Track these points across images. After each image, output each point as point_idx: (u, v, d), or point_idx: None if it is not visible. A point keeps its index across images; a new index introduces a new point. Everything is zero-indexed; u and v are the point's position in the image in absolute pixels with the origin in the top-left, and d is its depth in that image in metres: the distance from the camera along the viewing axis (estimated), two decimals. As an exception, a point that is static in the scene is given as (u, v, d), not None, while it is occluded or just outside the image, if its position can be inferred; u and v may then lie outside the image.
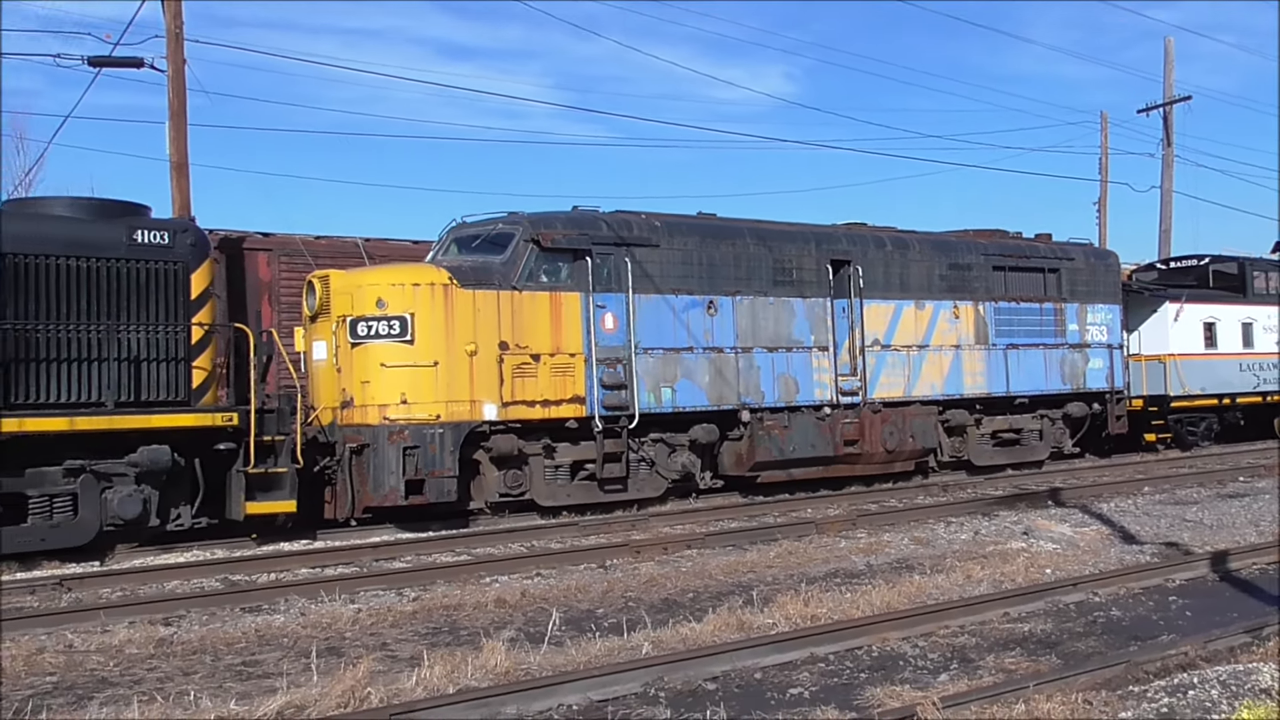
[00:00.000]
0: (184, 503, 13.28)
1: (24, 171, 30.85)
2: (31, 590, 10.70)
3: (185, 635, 8.85)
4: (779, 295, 17.46)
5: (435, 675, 7.22)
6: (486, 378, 14.74)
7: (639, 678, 7.09)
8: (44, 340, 12.67)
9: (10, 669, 7.86)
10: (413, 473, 14.16)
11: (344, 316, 14.57)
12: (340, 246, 18.36)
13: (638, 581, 10.77)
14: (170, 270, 13.47)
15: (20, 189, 28.93)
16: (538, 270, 15.35)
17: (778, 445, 17.03)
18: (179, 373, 13.45)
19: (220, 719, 6.48)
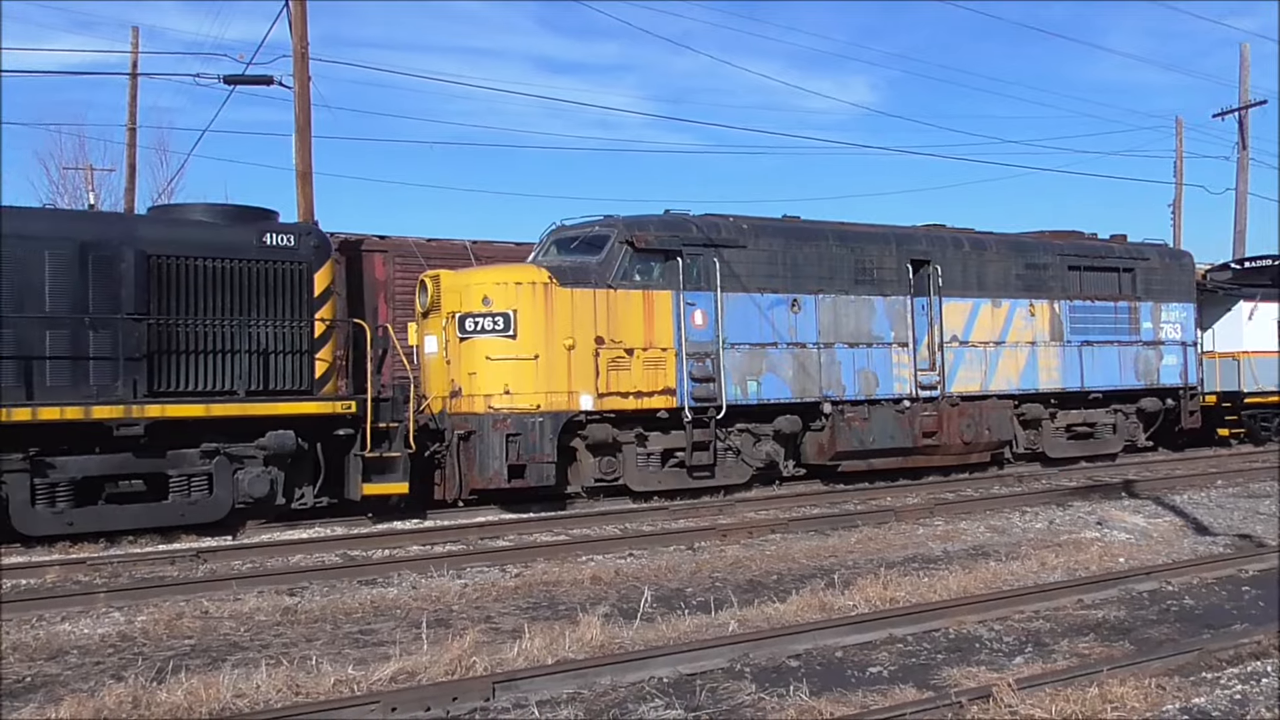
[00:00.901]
0: (307, 483, 13.59)
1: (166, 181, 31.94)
2: (171, 561, 11.05)
3: (308, 605, 9.04)
4: (860, 293, 17.23)
5: (535, 647, 7.26)
6: (583, 370, 14.81)
7: (725, 653, 7.06)
8: (183, 334, 13.07)
9: (153, 632, 8.13)
10: (515, 458, 14.29)
11: (453, 313, 14.77)
12: (450, 248, 18.59)
13: (724, 563, 10.73)
14: (295, 270, 13.79)
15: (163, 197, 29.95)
16: (631, 270, 15.37)
17: (858, 436, 16.81)
18: (303, 364, 13.76)
19: (339, 682, 6.59)
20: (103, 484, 12.50)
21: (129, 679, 6.59)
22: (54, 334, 12.40)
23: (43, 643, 7.83)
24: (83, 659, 7.45)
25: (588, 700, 6.32)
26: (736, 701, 6.28)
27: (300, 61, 18.37)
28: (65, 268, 12.50)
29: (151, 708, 6.11)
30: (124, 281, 12.73)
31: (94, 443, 12.36)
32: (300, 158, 18.39)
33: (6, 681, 6.92)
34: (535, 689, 6.41)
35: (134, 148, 27.12)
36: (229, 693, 6.31)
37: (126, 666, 7.16)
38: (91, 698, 6.13)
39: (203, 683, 6.39)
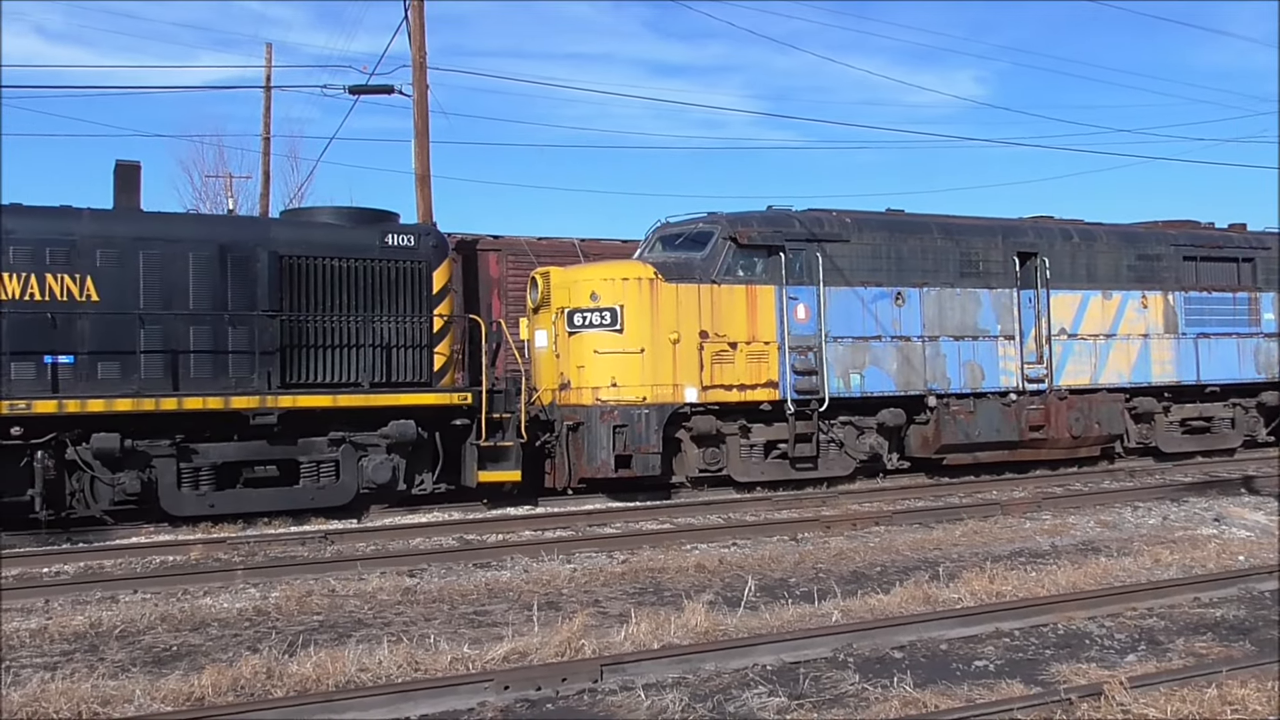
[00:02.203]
0: (426, 470, 13.91)
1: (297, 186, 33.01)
2: (302, 542, 11.42)
3: (427, 586, 9.24)
4: (965, 286, 16.82)
5: (641, 631, 7.28)
6: (688, 364, 14.80)
7: (829, 643, 6.97)
8: (313, 329, 13.50)
9: (285, 608, 8.41)
10: (622, 448, 14.37)
11: (562, 308, 14.91)
12: (559, 246, 18.77)
13: (827, 554, 10.60)
14: (415, 269, 14.10)
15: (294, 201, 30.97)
16: (735, 265, 15.29)
17: (963, 429, 16.41)
18: (423, 358, 14.08)
19: (455, 660, 6.71)
20: (240, 469, 13.01)
21: (263, 651, 6.84)
22: (197, 329, 12.94)
23: (187, 615, 8.17)
24: (222, 631, 7.76)
25: (692, 685, 6.31)
26: (840, 691, 6.19)
27: (419, 71, 18.75)
28: (207, 268, 13.03)
29: (283, 678, 6.33)
30: (259, 280, 13.21)
31: (233, 430, 12.87)
32: (419, 162, 18.78)
33: (155, 649, 7.25)
34: (641, 672, 6.42)
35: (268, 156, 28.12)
36: (353, 666, 6.48)
37: (261, 639, 7.43)
38: (230, 667, 6.37)
39: (330, 656, 6.58)
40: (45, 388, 12.20)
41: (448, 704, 5.92)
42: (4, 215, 12.38)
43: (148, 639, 7.52)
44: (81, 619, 7.98)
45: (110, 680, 6.29)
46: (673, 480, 15.29)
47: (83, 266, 12.49)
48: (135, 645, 7.36)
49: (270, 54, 27.99)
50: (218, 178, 33.68)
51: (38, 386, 12.18)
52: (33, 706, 5.79)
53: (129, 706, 5.87)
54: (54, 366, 12.32)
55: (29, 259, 12.29)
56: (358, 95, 19.23)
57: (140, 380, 12.52)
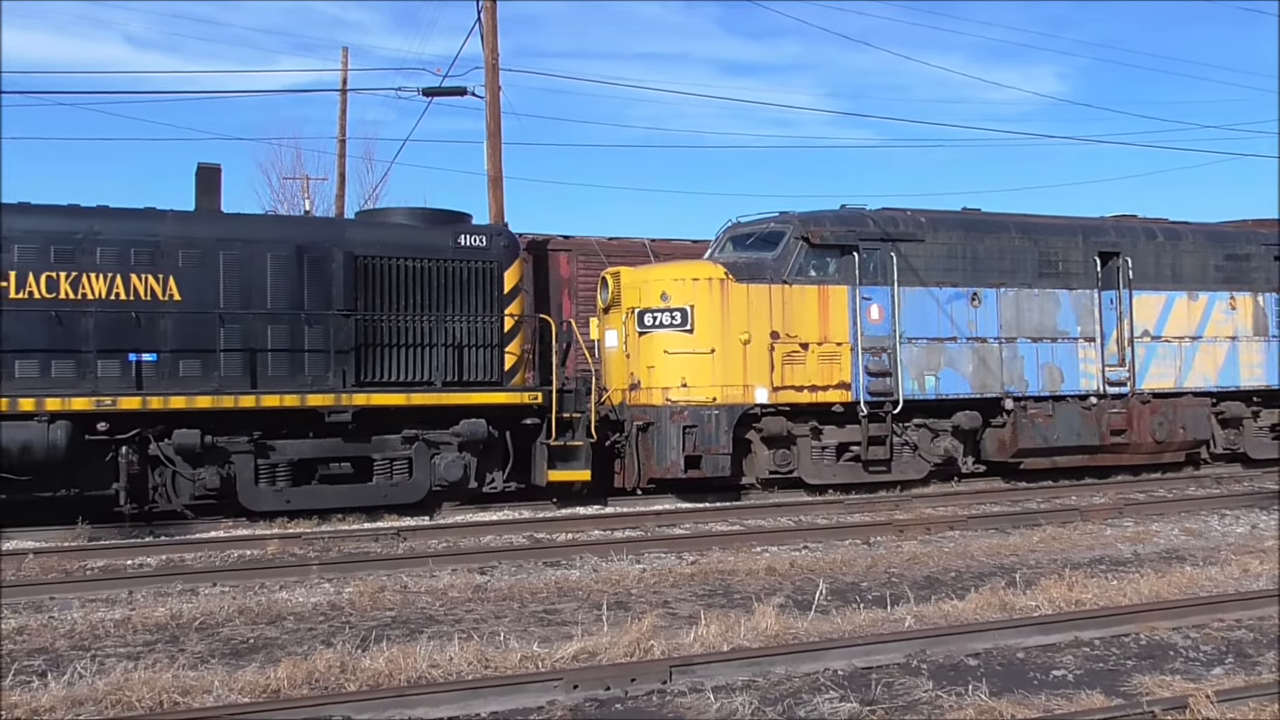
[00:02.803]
0: (496, 469, 14.03)
1: (372, 187, 33.58)
2: (375, 538, 11.60)
3: (497, 583, 9.31)
4: (1044, 287, 16.46)
5: (711, 633, 7.24)
6: (758, 364, 14.72)
7: (902, 649, 6.86)
8: (386, 328, 13.70)
9: (359, 603, 8.54)
10: (691, 449, 14.34)
11: (633, 308, 14.93)
12: (629, 246, 18.79)
13: (900, 558, 10.45)
14: (487, 269, 14.24)
15: (369, 202, 31.50)
16: (807, 265, 15.17)
17: (1041, 433, 16.06)
18: (494, 357, 14.21)
19: (525, 658, 6.75)
20: (316, 465, 13.26)
21: (337, 645, 6.94)
22: (274, 328, 13.22)
23: (264, 608, 8.35)
24: (297, 625, 7.90)
25: (762, 688, 6.26)
26: (913, 698, 6.09)
27: (491, 72, 18.93)
28: (284, 268, 13.31)
29: (356, 673, 6.42)
30: (334, 280, 13.45)
31: (309, 428, 13.12)
32: (491, 163, 18.96)
33: (233, 641, 7.41)
34: (711, 674, 6.39)
35: (343, 158, 28.68)
36: (424, 663, 6.56)
37: (335, 633, 7.55)
38: (305, 660, 6.48)
39: (401, 652, 6.66)
40: (130, 385, 12.57)
41: (517, 702, 5.95)
42: (93, 218, 12.78)
43: (226, 631, 7.70)
44: (163, 610, 8.20)
45: (190, 671, 6.45)
46: (743, 482, 15.21)
47: (166, 267, 12.84)
48: (214, 637, 7.53)
49: (346, 57, 28.54)
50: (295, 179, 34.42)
51: (123, 383, 12.55)
52: (116, 695, 5.95)
53: (208, 697, 6.00)
54: (138, 364, 12.69)
55: (115, 260, 12.67)
56: (431, 97, 19.49)
57: (220, 378, 12.83)
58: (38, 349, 12.34)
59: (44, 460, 11.89)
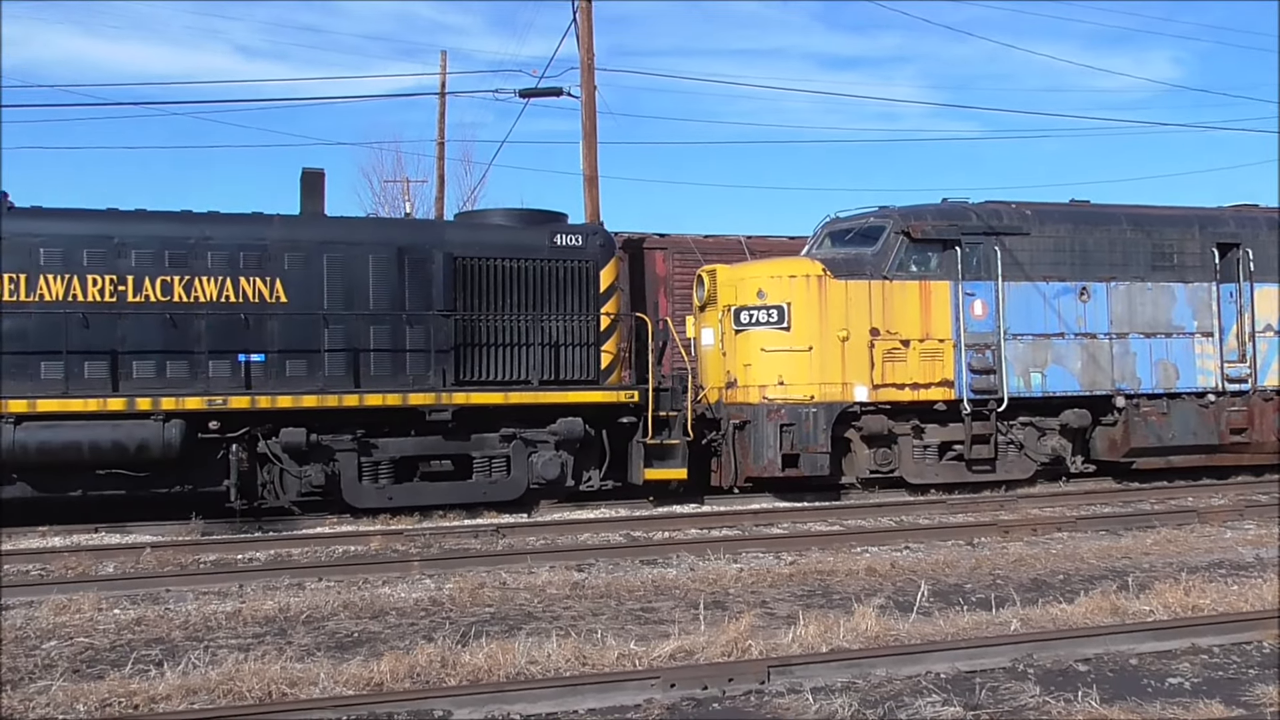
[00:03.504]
0: (593, 467, 14.13)
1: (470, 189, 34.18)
2: (475, 535, 11.78)
3: (594, 581, 9.37)
4: (1158, 280, 15.88)
5: (809, 634, 7.17)
6: (857, 362, 14.53)
7: (1007, 653, 6.68)
8: (485, 328, 13.92)
9: (459, 599, 8.68)
10: (789, 448, 14.24)
11: (729, 306, 14.88)
12: (725, 244, 18.75)
13: (1006, 560, 10.19)
14: (583, 268, 14.35)
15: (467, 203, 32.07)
16: (907, 260, 14.92)
17: (1155, 432, 15.50)
18: (590, 356, 14.32)
19: (622, 656, 6.77)
20: (417, 463, 13.55)
21: (438, 640, 7.07)
22: (377, 329, 13.55)
23: (367, 603, 8.55)
24: (399, 620, 8.08)
25: (862, 690, 6.17)
26: (1019, 703, 5.93)
27: (587, 72, 19.09)
28: (386, 270, 13.62)
29: (456, 668, 6.52)
30: (434, 281, 13.72)
31: (410, 426, 13.41)
32: (587, 163, 19.11)
33: (338, 635, 7.61)
34: (810, 675, 6.32)
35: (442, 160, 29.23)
36: (523, 659, 6.63)
37: (436, 629, 7.70)
38: (407, 655, 6.62)
39: (500, 648, 6.74)
40: (239, 384, 13.02)
41: (614, 699, 5.98)
42: (204, 223, 13.27)
43: (331, 625, 7.91)
44: (271, 604, 8.45)
45: (297, 663, 6.63)
46: (841, 481, 15.04)
47: (273, 270, 13.26)
48: (320, 630, 7.74)
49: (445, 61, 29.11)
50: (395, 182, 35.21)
51: (233, 383, 13.00)
52: (228, 685, 6.16)
53: (314, 689, 6.17)
54: (247, 365, 13.13)
55: (225, 263, 13.13)
56: (528, 98, 19.73)
57: (325, 377, 13.19)
58: (153, 350, 12.87)
59: (160, 458, 12.40)
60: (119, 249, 12.82)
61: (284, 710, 5.72)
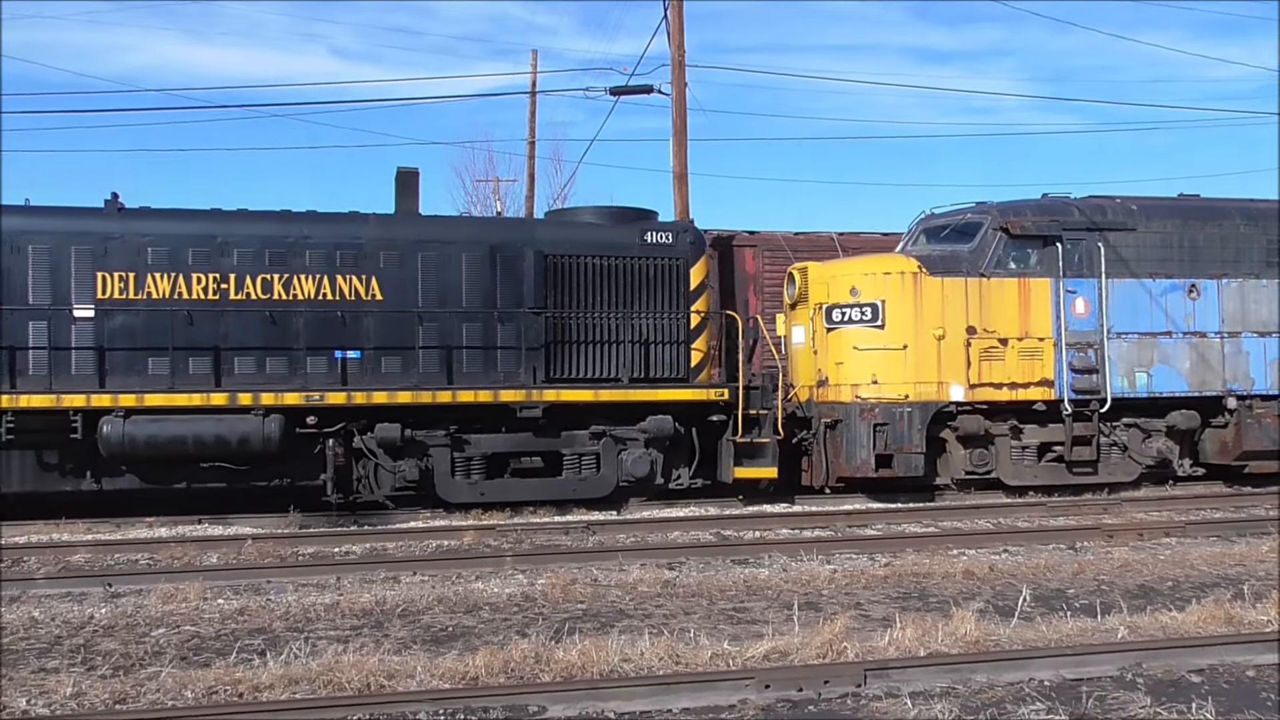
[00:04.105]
0: (682, 465, 14.11)
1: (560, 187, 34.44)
2: (565, 531, 11.86)
3: (685, 579, 9.35)
4: (1273, 277, 15.23)
5: (906, 637, 7.05)
6: (953, 361, 14.25)
7: (1115, 661, 6.48)
8: (575, 326, 14.01)
9: (551, 594, 8.74)
10: (882, 448, 14.04)
11: (820, 304, 14.72)
12: (816, 241, 18.53)
13: (1110, 565, 9.88)
14: (673, 265, 14.34)
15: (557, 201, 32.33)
16: (1006, 257, 14.57)
17: (1269, 434, 14.88)
18: (680, 353, 14.30)
19: (716, 655, 6.74)
20: (508, 459, 13.69)
21: (531, 636, 7.13)
22: (469, 326, 13.74)
23: (461, 597, 8.66)
24: (493, 615, 8.16)
25: (962, 696, 6.05)
26: (1128, 714, 5.74)
27: (678, 69, 19.05)
28: (478, 268, 13.80)
29: (550, 664, 6.57)
30: (525, 279, 13.85)
31: (501, 423, 13.55)
32: (677, 160, 19.08)
33: (433, 629, 7.73)
34: (907, 679, 6.21)
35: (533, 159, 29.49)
36: (616, 656, 6.64)
37: (529, 624, 7.77)
38: (501, 650, 6.68)
39: (594, 645, 6.76)
40: (335, 380, 13.31)
41: (708, 699, 5.95)
42: (303, 223, 13.61)
43: (426, 619, 8.03)
44: (368, 597, 8.62)
45: (394, 656, 6.75)
46: (936, 482, 14.76)
47: (368, 268, 13.53)
48: (415, 624, 7.87)
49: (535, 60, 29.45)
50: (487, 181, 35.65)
51: (329, 379, 13.31)
52: (328, 675, 6.29)
53: (411, 681, 6.27)
54: (343, 361, 13.42)
55: (323, 262, 13.45)
56: (618, 96, 19.77)
57: (418, 374, 13.42)
58: (254, 347, 13.24)
59: (260, 451, 12.74)
60: (222, 248, 13.22)
61: (382, 702, 5.83)
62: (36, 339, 12.72)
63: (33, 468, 12.68)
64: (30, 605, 8.49)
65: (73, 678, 6.35)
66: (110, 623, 7.92)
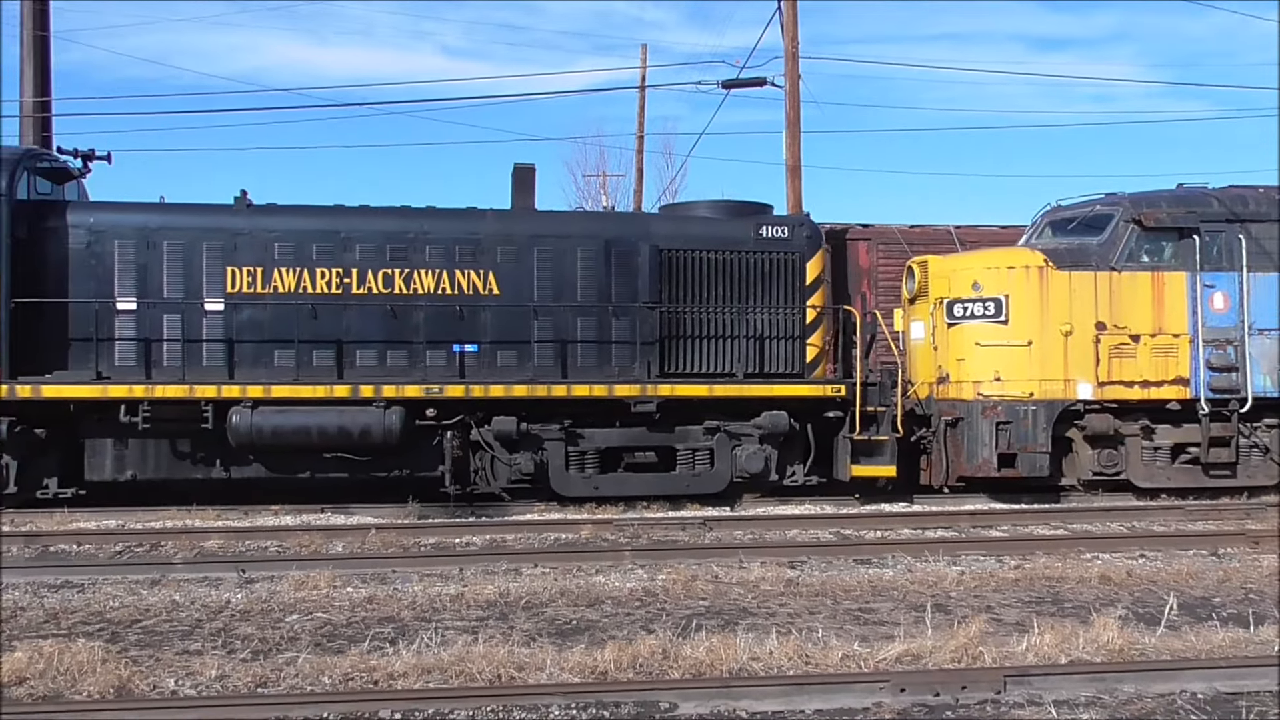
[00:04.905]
0: (797, 462, 13.94)
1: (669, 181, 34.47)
2: (682, 527, 11.82)
3: (808, 578, 9.21)
4: None
5: (1045, 643, 6.82)
6: (1081, 357, 13.77)
7: (1274, 675, 6.14)
8: (689, 320, 13.95)
9: (672, 590, 8.71)
10: (1005, 446, 13.65)
11: (941, 299, 14.38)
12: (932, 234, 18.14)
13: (1258, 573, 9.42)
14: (789, 260, 14.17)
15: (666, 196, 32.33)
16: (1138, 250, 14.01)
17: None
18: (795, 349, 14.13)
19: (846, 657, 6.62)
20: (622, 454, 13.72)
21: (657, 632, 7.09)
22: (584, 320, 13.80)
23: (582, 591, 8.69)
24: (615, 609, 8.17)
25: (1109, 707, 5.82)
26: (1293, 731, 5.45)
27: (791, 61, 18.86)
28: (593, 262, 13.85)
29: (678, 660, 6.54)
30: (640, 273, 13.85)
31: (615, 417, 13.58)
32: (790, 152, 18.90)
33: (557, 621, 7.76)
34: (1049, 687, 6.01)
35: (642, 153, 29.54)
36: (745, 655, 6.57)
37: (652, 620, 7.74)
38: (629, 644, 6.67)
39: (721, 642, 6.70)
40: (454, 374, 13.51)
41: (841, 701, 5.85)
42: (422, 218, 13.85)
43: (550, 611, 8.07)
44: (491, 588, 8.70)
45: (522, 648, 6.79)
46: (1061, 483, 14.29)
47: (486, 263, 13.69)
48: (539, 616, 7.91)
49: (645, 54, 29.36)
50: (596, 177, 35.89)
51: (448, 373, 13.51)
52: (459, 665, 6.37)
53: (540, 674, 6.30)
54: (461, 355, 13.61)
55: (442, 256, 13.66)
56: (729, 89, 19.66)
57: (534, 368, 13.54)
58: (375, 340, 13.53)
59: (381, 443, 13.01)
60: (345, 243, 13.53)
61: (515, 694, 5.87)
62: (170, 332, 13.22)
63: (166, 455, 13.19)
64: (170, 589, 8.81)
65: (215, 660, 6.56)
66: (246, 608, 8.17)
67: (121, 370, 13.07)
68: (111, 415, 12.81)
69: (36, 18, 18.02)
